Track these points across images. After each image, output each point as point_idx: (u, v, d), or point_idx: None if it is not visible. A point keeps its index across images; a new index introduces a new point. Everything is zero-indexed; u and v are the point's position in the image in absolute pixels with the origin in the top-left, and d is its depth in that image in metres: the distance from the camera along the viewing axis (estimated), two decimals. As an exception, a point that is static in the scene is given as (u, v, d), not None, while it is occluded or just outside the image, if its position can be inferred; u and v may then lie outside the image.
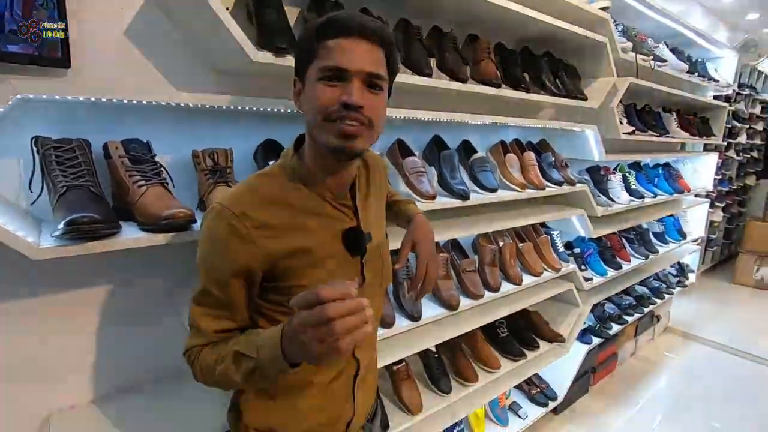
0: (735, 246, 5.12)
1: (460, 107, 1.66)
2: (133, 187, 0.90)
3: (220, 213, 0.69)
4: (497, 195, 1.60)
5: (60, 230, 0.74)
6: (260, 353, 0.62)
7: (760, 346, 3.17)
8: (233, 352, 0.66)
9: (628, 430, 2.29)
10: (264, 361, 0.62)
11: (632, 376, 2.81)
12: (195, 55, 1.09)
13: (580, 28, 1.75)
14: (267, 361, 0.62)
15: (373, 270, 0.83)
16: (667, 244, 3.04)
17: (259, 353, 0.62)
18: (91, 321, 1.07)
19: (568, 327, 2.20)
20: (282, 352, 0.59)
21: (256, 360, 0.62)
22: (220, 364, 0.67)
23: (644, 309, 2.89)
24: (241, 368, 0.64)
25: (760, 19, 3.65)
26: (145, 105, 0.96)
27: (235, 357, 0.65)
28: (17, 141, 0.89)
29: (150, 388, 1.14)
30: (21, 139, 0.88)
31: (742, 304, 4.10)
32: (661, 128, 2.66)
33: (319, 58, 0.67)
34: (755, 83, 4.74)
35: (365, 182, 0.86)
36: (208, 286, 0.70)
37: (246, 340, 0.67)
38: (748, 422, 2.37)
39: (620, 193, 2.42)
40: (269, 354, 0.61)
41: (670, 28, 2.71)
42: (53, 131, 0.88)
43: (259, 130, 1.25)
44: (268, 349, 0.62)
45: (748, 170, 5.05)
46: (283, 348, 0.59)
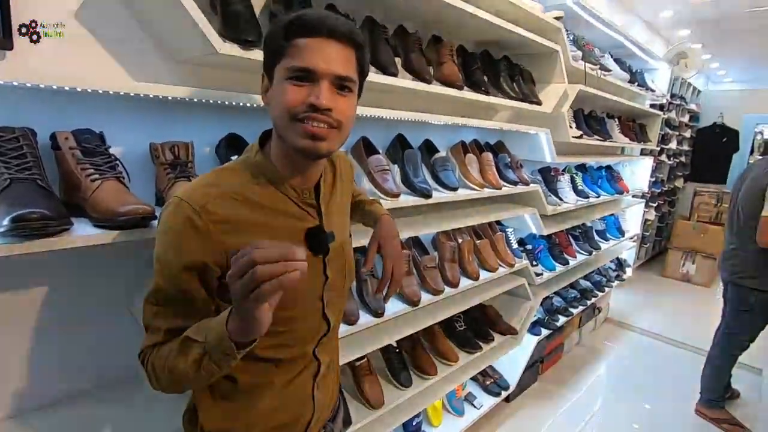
0: (665, 242, 5.59)
1: (421, 107, 1.70)
2: (86, 180, 0.84)
3: (179, 206, 0.66)
4: (458, 194, 1.65)
5: (4, 227, 0.68)
6: (207, 336, 0.60)
7: (686, 333, 3.49)
8: (182, 338, 0.63)
9: (572, 415, 2.45)
10: (210, 343, 0.60)
11: (576, 364, 3.01)
12: (150, 42, 1.03)
13: (536, 36, 1.84)
14: (213, 341, 0.59)
15: (336, 269, 0.83)
16: (608, 240, 3.26)
17: (206, 336, 0.61)
18: (27, 326, 0.99)
19: (520, 320, 2.32)
20: (227, 330, 0.58)
21: (204, 344, 0.60)
22: (170, 355, 0.64)
23: (587, 301, 3.09)
24: (190, 354, 0.62)
25: (691, 36, 4.00)
26: (93, 94, 0.88)
27: (183, 344, 0.63)
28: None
29: (93, 397, 1.07)
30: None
31: (671, 296, 4.49)
32: (605, 133, 2.85)
33: (288, 56, 0.66)
34: (685, 94, 5.18)
35: (331, 181, 0.86)
36: (162, 282, 0.68)
37: (196, 326, 0.64)
38: (674, 402, 2.61)
39: (568, 193, 2.57)
40: (215, 334, 0.59)
41: (613, 39, 2.89)
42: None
43: (220, 124, 1.20)
44: (214, 329, 0.60)
45: (677, 173, 5.52)
46: (228, 327, 0.58)
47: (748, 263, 2.18)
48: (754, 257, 2.14)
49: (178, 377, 0.65)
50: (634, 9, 3.21)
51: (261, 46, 0.93)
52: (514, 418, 2.38)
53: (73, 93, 0.89)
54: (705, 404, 2.48)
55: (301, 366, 0.81)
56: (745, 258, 2.19)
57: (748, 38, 4.03)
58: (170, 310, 0.69)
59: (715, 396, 2.45)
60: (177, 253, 0.66)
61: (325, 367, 0.85)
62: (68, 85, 0.83)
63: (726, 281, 2.33)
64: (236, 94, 1.04)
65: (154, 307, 0.69)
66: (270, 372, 0.77)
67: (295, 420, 0.82)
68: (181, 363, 0.63)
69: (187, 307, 0.69)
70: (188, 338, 0.63)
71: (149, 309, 0.69)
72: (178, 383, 0.68)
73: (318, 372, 0.84)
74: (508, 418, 2.37)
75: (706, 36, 4.00)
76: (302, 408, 0.83)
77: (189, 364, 0.62)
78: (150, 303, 0.69)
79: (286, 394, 0.79)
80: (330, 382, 0.90)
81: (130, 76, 1.02)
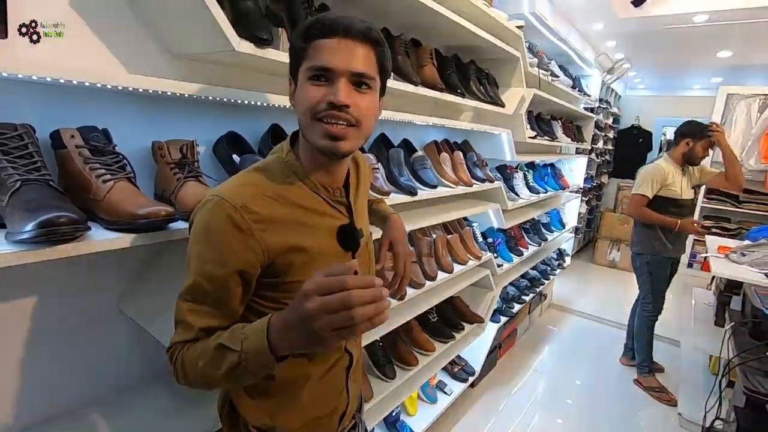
0: (593, 233, 6.17)
1: (402, 107, 1.75)
2: (97, 182, 0.79)
3: (219, 205, 0.66)
4: (436, 191, 1.73)
5: (29, 233, 0.63)
6: (244, 345, 0.60)
7: (614, 313, 3.89)
8: (216, 345, 0.63)
9: (524, 393, 2.68)
10: (248, 354, 0.59)
11: (527, 347, 3.25)
12: (148, 36, 0.98)
13: (502, 42, 1.97)
14: (251, 353, 0.59)
15: (363, 264, 0.87)
16: (552, 232, 3.55)
17: (243, 345, 0.60)
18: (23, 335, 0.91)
19: (484, 309, 2.47)
20: (269, 343, 0.57)
21: (240, 353, 0.59)
22: (204, 358, 0.64)
23: (536, 289, 3.35)
24: (224, 362, 0.61)
25: (616, 46, 4.45)
26: (82, 88, 0.83)
27: (218, 350, 0.62)
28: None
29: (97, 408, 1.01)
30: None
31: (601, 281, 4.98)
32: (552, 134, 3.10)
33: (308, 58, 0.69)
34: (609, 98, 5.74)
35: (355, 180, 0.89)
36: (201, 281, 0.67)
37: (230, 333, 0.64)
38: (611, 375, 2.95)
39: (522, 189, 2.77)
40: (254, 345, 0.59)
41: (557, 48, 3.16)
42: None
43: (214, 122, 1.17)
44: (252, 341, 0.59)
45: (602, 170, 6.11)
46: (270, 339, 0.58)
47: (633, 234, 2.76)
48: (636, 229, 2.73)
49: (209, 380, 0.66)
50: (572, 21, 3.50)
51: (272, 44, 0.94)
52: (480, 401, 2.54)
53: (63, 86, 0.83)
54: (638, 373, 2.83)
55: (334, 359, 0.84)
56: (632, 231, 2.78)
57: (659, 51, 4.57)
58: (206, 308, 0.68)
59: (641, 362, 2.81)
60: (218, 252, 0.66)
61: (356, 359, 0.89)
62: (72, 78, 0.77)
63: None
64: (245, 92, 1.03)
65: (188, 304, 0.68)
66: (305, 366, 0.79)
67: (332, 412, 0.85)
68: (214, 370, 0.63)
69: (223, 307, 0.69)
70: (223, 346, 0.62)
71: (184, 305, 0.69)
72: (208, 385, 0.68)
73: (350, 365, 0.87)
74: (475, 402, 2.52)
75: (629, 47, 4.47)
76: (338, 399, 0.86)
77: (223, 372, 0.62)
78: (185, 300, 0.69)
79: (322, 387, 0.82)
80: (359, 374, 0.94)
81: (126, 69, 0.96)
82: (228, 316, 0.70)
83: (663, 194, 2.53)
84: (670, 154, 2.62)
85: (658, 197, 2.54)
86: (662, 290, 2.74)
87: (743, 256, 2.26)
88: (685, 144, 2.55)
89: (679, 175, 2.57)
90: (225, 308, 0.69)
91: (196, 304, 0.68)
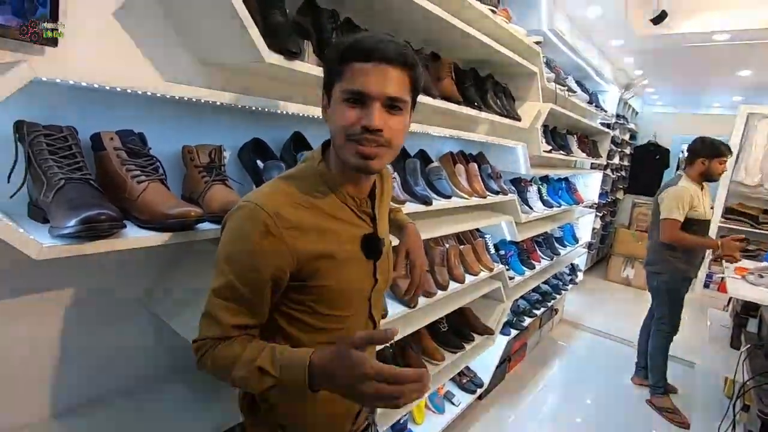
0: (607, 249, 6.10)
1: (419, 119, 1.79)
2: (132, 182, 0.84)
3: (254, 211, 0.70)
4: (450, 201, 1.75)
5: (72, 228, 0.67)
6: (282, 374, 0.66)
7: (627, 331, 3.83)
8: (257, 368, 0.67)
9: (532, 409, 2.65)
10: (285, 383, 0.66)
11: (537, 362, 3.22)
12: (181, 45, 1.03)
13: (520, 58, 2.00)
14: (289, 383, 0.66)
15: (384, 272, 0.90)
16: (565, 247, 3.53)
17: (281, 374, 0.66)
18: (50, 327, 0.95)
19: (494, 321, 2.46)
20: (309, 381, 0.64)
21: (277, 379, 0.66)
22: (240, 371, 0.68)
23: (548, 304, 3.32)
24: (262, 383, 0.67)
25: (635, 63, 4.44)
26: (113, 93, 0.88)
27: (258, 372, 0.67)
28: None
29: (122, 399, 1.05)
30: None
31: (614, 298, 4.92)
32: (567, 148, 3.11)
33: (343, 80, 0.72)
34: (626, 114, 5.72)
35: (380, 191, 0.92)
36: (235, 282, 0.71)
37: (270, 356, 0.68)
38: (616, 395, 2.90)
39: (536, 202, 2.78)
40: (292, 378, 0.65)
41: (574, 62, 3.17)
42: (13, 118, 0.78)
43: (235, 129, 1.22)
44: (292, 374, 0.65)
45: (618, 186, 6.06)
46: (311, 379, 0.64)
47: (650, 253, 2.73)
48: (653, 248, 2.69)
49: (240, 386, 0.72)
50: (591, 37, 3.52)
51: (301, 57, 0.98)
52: (487, 414, 2.52)
53: (99, 91, 0.88)
54: (651, 393, 2.78)
55: None
56: (648, 249, 2.77)
57: (678, 69, 4.55)
58: (239, 307, 0.72)
59: (655, 382, 2.76)
60: (253, 256, 0.70)
61: None
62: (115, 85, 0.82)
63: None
64: (272, 101, 1.07)
65: (222, 302, 0.72)
66: None
67: (347, 410, 0.88)
68: (251, 384, 0.68)
69: (255, 307, 0.73)
70: (262, 369, 0.67)
71: (217, 302, 0.72)
72: (236, 386, 0.74)
73: None
74: (482, 414, 2.51)
75: (647, 64, 4.47)
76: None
77: (259, 389, 0.68)
78: (219, 297, 0.72)
79: None
80: None
81: (162, 77, 1.01)
82: (259, 315, 0.75)
83: (688, 216, 2.49)
84: (688, 174, 2.59)
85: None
86: (680, 310, 2.70)
87: (761, 278, 2.22)
88: (701, 163, 2.53)
89: (701, 194, 2.54)
90: (256, 308, 0.74)
91: (229, 302, 0.72)
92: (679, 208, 2.46)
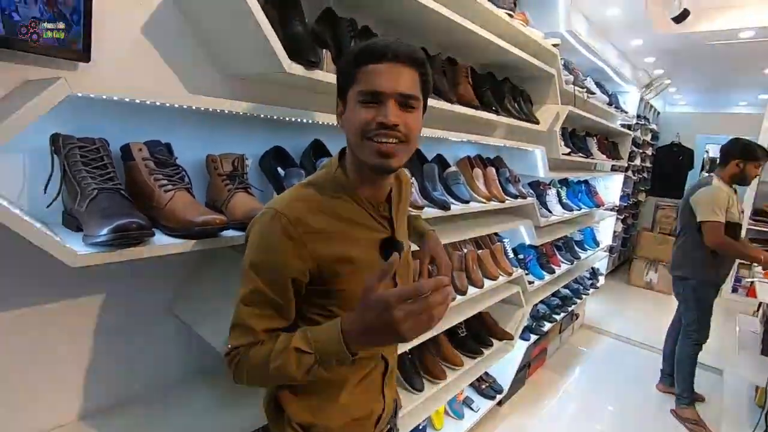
0: (629, 252, 5.96)
1: (437, 124, 1.79)
2: (159, 191, 0.87)
3: (275, 217, 0.73)
4: (468, 206, 1.75)
5: (104, 236, 0.70)
6: (318, 347, 0.67)
7: (650, 337, 3.74)
8: (293, 349, 0.69)
9: (552, 416, 2.60)
10: (323, 355, 0.67)
11: (557, 368, 3.17)
12: (204, 57, 1.06)
13: (537, 60, 1.98)
14: (327, 354, 0.67)
15: (402, 275, 0.91)
16: (585, 251, 3.47)
17: (318, 348, 0.67)
18: (80, 332, 0.99)
19: (514, 326, 2.44)
20: (345, 341, 0.65)
21: (315, 354, 0.67)
22: (276, 361, 0.70)
23: (568, 308, 3.27)
24: (301, 364, 0.68)
25: (655, 63, 4.35)
26: (141, 105, 0.91)
27: (295, 353, 0.69)
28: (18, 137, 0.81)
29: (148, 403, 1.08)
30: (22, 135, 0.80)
31: (636, 302, 4.80)
32: (586, 150, 3.06)
33: (358, 82, 0.74)
34: (647, 114, 5.59)
35: (397, 195, 0.93)
36: (262, 287, 0.73)
37: (302, 338, 0.70)
38: (642, 402, 2.82)
39: (555, 205, 2.74)
40: (329, 347, 0.67)
41: (593, 64, 3.13)
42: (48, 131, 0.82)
43: (262, 137, 1.24)
44: (328, 343, 0.67)
45: (640, 188, 5.93)
46: (346, 341, 0.65)
47: (677, 257, 2.63)
48: (680, 252, 2.61)
49: (280, 378, 0.72)
50: (610, 38, 3.47)
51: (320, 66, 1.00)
52: (507, 421, 2.49)
53: (129, 104, 0.91)
54: (676, 403, 2.69)
55: (371, 365, 0.88)
56: (675, 253, 2.66)
57: (701, 68, 4.44)
58: (268, 312, 0.75)
59: (681, 392, 2.66)
60: (276, 260, 0.73)
61: (391, 366, 0.92)
62: (144, 98, 0.86)
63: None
64: (292, 110, 1.10)
65: (249, 309, 0.74)
66: (344, 371, 0.83)
67: (368, 414, 0.89)
68: (291, 369, 0.69)
69: (282, 309, 0.76)
70: (298, 349, 0.69)
71: (246, 310, 0.74)
72: (276, 381, 0.78)
73: (386, 371, 0.91)
74: (502, 421, 2.48)
75: (668, 63, 4.37)
76: (375, 403, 0.90)
77: (301, 371, 0.69)
78: (247, 305, 0.74)
79: (360, 391, 0.86)
80: (394, 380, 0.97)
81: (186, 89, 1.04)
82: (287, 318, 0.77)
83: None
84: (720, 176, 2.48)
85: None
86: (709, 317, 2.59)
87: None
88: (735, 165, 2.41)
89: (734, 197, 2.45)
90: (284, 311, 0.76)
91: (257, 308, 0.74)
92: (719, 210, 2.35)
